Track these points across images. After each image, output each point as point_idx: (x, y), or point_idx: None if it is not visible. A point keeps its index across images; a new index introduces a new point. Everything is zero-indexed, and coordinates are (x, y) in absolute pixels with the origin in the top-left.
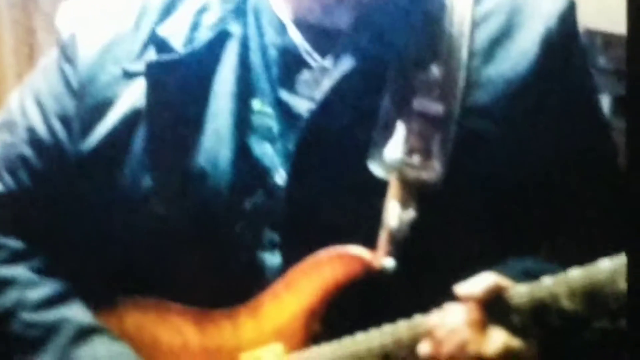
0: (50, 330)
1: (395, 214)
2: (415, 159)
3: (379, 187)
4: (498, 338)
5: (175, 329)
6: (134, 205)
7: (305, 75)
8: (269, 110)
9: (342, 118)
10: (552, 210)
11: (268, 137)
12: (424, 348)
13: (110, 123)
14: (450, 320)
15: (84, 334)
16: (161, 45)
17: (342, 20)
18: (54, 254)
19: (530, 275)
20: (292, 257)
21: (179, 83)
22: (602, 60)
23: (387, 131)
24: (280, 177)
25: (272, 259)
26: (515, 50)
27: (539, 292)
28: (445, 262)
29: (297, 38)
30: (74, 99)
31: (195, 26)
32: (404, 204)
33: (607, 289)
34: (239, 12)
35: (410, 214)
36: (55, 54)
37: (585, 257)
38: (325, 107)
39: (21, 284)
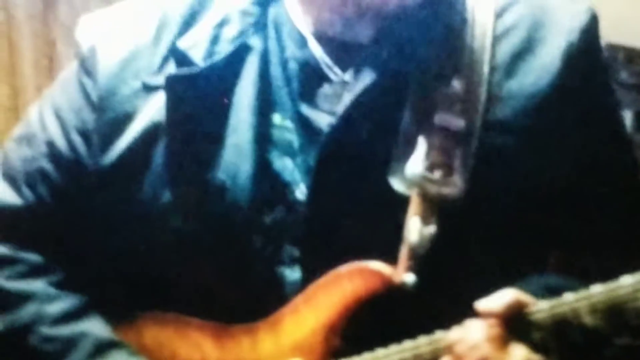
0: (69, 344)
1: (416, 229)
2: (437, 174)
3: (400, 203)
4: (519, 354)
5: (193, 344)
6: (154, 219)
7: (325, 89)
8: (289, 124)
9: (363, 132)
10: (573, 226)
11: (288, 151)
12: None
13: (130, 137)
14: (471, 336)
15: (102, 348)
16: (181, 59)
17: (363, 33)
18: (72, 268)
19: (551, 291)
20: (312, 272)
21: (199, 97)
22: (624, 75)
23: (408, 146)
24: (300, 192)
25: (292, 274)
26: (537, 65)
27: (560, 308)
28: (466, 278)
29: (317, 52)
30: (94, 112)
31: (215, 40)
32: (425, 220)
33: (629, 305)
34: (259, 26)
35: (431, 229)
36: (74, 66)
37: (607, 272)
38: (346, 121)
39: (40, 298)
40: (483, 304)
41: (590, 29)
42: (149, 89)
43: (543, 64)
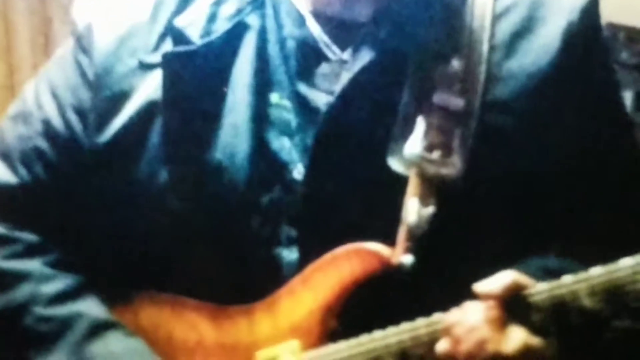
0: (64, 324)
1: (414, 210)
2: (435, 154)
3: (398, 183)
4: (517, 336)
5: (190, 324)
6: (150, 198)
7: (324, 68)
8: (287, 103)
9: (361, 112)
10: (572, 207)
11: (286, 131)
12: (442, 346)
13: (126, 115)
14: (469, 318)
15: (98, 328)
16: (178, 37)
17: (361, 12)
18: (68, 248)
19: (550, 273)
20: (309, 253)
21: (196, 75)
22: (625, 55)
23: (407, 126)
24: (298, 172)
25: (290, 254)
26: (537, 44)
27: (559, 290)
28: (464, 259)
29: (315, 30)
30: (90, 90)
31: (212, 17)
32: (424, 200)
33: (628, 288)
34: (257, 4)
35: (430, 210)
36: (71, 44)
37: (607, 254)
38: (344, 100)
39: (35, 278)
40: (481, 286)
41: (591, 9)
42: (145, 67)
43: (543, 44)
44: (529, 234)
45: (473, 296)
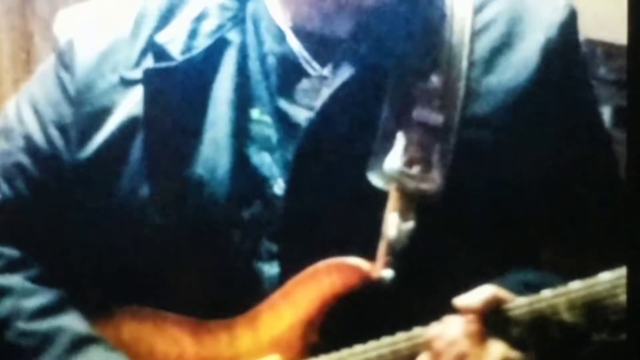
0: (46, 339)
1: (394, 224)
2: (415, 169)
3: (378, 198)
4: (497, 350)
5: (171, 339)
6: (132, 213)
7: (304, 83)
8: (267, 119)
9: (341, 127)
10: (551, 222)
11: (267, 146)
12: None
13: (107, 131)
14: (449, 332)
15: (79, 343)
16: (159, 53)
17: (341, 28)
18: (50, 262)
19: (529, 288)
20: (290, 267)
21: (176, 91)
22: (602, 71)
23: (387, 141)
24: (278, 187)
25: (270, 269)
26: (516, 60)
27: (538, 304)
28: (444, 274)
29: (296, 46)
30: (71, 106)
31: (193, 34)
32: (403, 215)
33: (607, 302)
34: (238, 20)
35: (410, 224)
36: (52, 60)
37: (585, 269)
38: (324, 116)
39: (17, 292)
40: (461, 300)
41: (569, 25)
42: (126, 83)
43: (521, 59)
44: (508, 248)
45: (453, 310)
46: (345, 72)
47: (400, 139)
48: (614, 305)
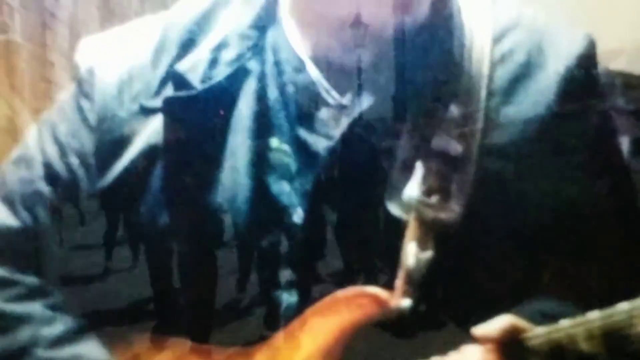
0: None
1: (412, 254)
2: (434, 199)
3: (397, 227)
4: None
5: None
6: (151, 241)
7: (323, 113)
8: (286, 148)
9: (360, 157)
10: (570, 252)
11: (286, 175)
12: None
13: (127, 159)
14: None
15: None
16: (179, 82)
17: (361, 58)
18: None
19: (548, 317)
20: (308, 296)
21: (196, 120)
22: (621, 101)
23: (406, 170)
24: (297, 216)
25: (289, 297)
26: (535, 90)
27: (556, 334)
28: (462, 303)
29: (315, 75)
30: (92, 134)
31: (213, 63)
32: (422, 244)
33: (625, 331)
34: (258, 49)
35: (428, 254)
36: (73, 89)
37: (604, 299)
38: (343, 145)
39: (36, 320)
40: (480, 330)
41: (588, 55)
42: (146, 111)
43: (540, 90)
44: (527, 278)
45: (471, 339)
46: (365, 102)
47: (419, 168)
48: (632, 335)
